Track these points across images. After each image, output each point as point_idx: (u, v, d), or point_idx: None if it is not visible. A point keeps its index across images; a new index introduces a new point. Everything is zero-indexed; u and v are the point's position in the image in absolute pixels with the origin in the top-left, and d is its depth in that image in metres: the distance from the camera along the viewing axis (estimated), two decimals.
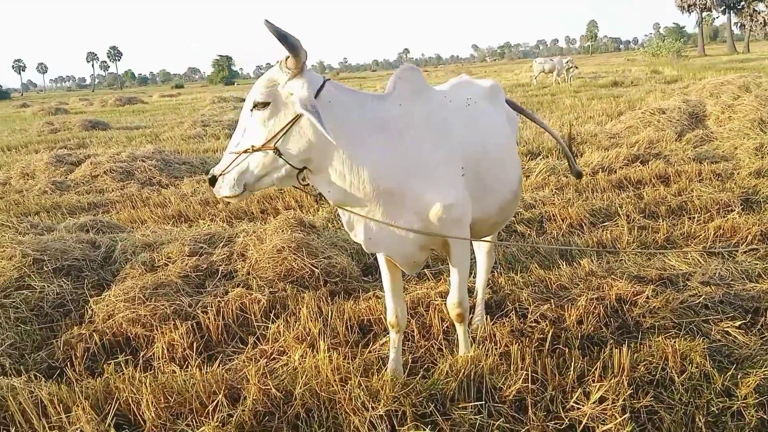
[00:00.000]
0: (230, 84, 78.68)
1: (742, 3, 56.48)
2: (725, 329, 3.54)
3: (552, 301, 3.97)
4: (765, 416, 2.77)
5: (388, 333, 3.78)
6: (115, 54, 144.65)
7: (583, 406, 2.82)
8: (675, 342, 3.20)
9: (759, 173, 7.03)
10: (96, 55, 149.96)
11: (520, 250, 5.11)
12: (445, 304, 3.87)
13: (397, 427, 2.77)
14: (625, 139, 9.78)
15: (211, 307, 4.05)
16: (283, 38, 2.48)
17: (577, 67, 26.30)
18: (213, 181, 2.63)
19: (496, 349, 3.35)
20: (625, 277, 4.16)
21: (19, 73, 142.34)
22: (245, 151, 2.59)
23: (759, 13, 56.54)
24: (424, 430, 2.72)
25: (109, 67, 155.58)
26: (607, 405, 2.79)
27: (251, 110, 2.62)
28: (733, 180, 6.89)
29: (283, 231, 4.87)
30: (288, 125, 2.58)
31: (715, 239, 5.12)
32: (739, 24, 60.04)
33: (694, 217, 5.64)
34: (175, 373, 3.30)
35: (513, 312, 3.90)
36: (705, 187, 6.53)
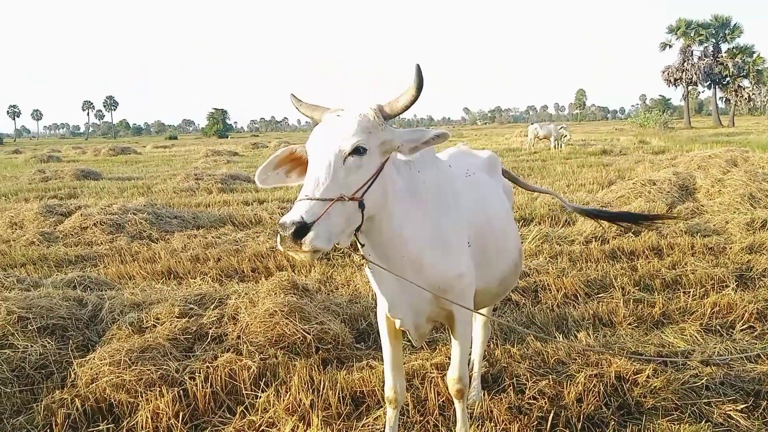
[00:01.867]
0: (224, 137, 79.32)
1: (728, 79, 58.29)
2: (727, 412, 3.46)
3: (550, 376, 3.88)
4: None
5: (381, 406, 3.68)
6: (111, 103, 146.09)
7: None
8: (680, 428, 3.11)
9: (751, 249, 7.06)
10: (92, 103, 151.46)
11: (516, 321, 5.03)
12: (443, 377, 3.79)
13: None
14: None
15: (199, 373, 3.91)
16: (421, 87, 2.46)
17: (570, 135, 26.80)
18: (302, 230, 2.18)
19: (495, 428, 3.24)
20: (624, 355, 4.08)
21: (14, 119, 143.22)
22: (339, 199, 2.31)
23: (744, 88, 58.32)
24: None
25: (104, 116, 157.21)
26: None
27: (347, 156, 2.38)
28: (726, 255, 6.90)
29: (275, 293, 4.78)
30: (374, 175, 2.46)
31: (711, 316, 5.07)
32: (724, 98, 61.81)
33: (689, 292, 5.61)
34: None
35: (510, 387, 3.81)
36: (699, 261, 6.53)
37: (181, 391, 3.75)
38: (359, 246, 2.69)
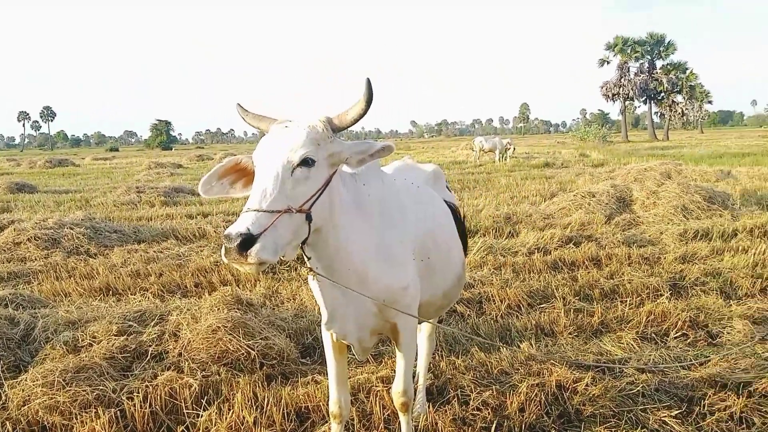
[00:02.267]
0: (167, 149, 77.79)
1: (662, 94, 60.78)
2: (662, 419, 3.58)
3: (494, 387, 3.94)
4: None
5: (326, 421, 3.65)
6: (48, 114, 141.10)
7: None
8: None
9: (684, 258, 7.36)
10: (28, 114, 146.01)
11: (458, 336, 5.08)
12: (388, 390, 3.79)
13: None
14: (558, 220, 10.12)
15: (138, 392, 3.80)
16: (370, 101, 2.46)
17: (514, 148, 27.40)
18: (248, 241, 2.16)
19: None
20: (565, 363, 4.17)
21: None
22: (287, 211, 2.29)
23: (677, 104, 60.99)
24: None
25: (41, 127, 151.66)
26: None
27: (295, 167, 2.36)
28: (660, 264, 7.16)
29: (219, 309, 4.70)
30: (322, 187, 2.44)
31: (647, 324, 5.24)
32: (659, 113, 64.39)
33: (626, 301, 5.79)
34: None
35: (455, 399, 3.84)
36: (635, 270, 6.76)
37: (118, 412, 3.63)
38: (305, 258, 2.67)
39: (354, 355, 3.15)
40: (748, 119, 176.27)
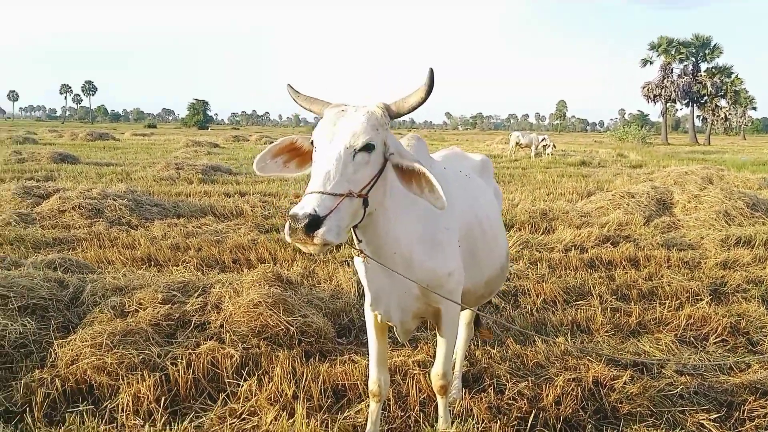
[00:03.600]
0: (204, 128, 78.70)
1: (706, 98, 59.39)
2: (701, 421, 3.55)
3: (529, 378, 3.94)
4: None
5: (363, 400, 3.71)
6: (90, 88, 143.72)
7: None
8: None
9: (725, 265, 7.23)
10: (70, 87, 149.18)
11: (496, 324, 5.10)
12: (424, 374, 3.84)
13: None
14: (595, 219, 10.01)
15: (181, 359, 3.90)
16: (431, 90, 2.48)
17: (555, 146, 27.04)
18: (315, 223, 2.19)
19: (475, 426, 3.28)
20: (603, 360, 4.16)
21: None
22: (348, 195, 2.32)
23: (720, 108, 59.50)
24: None
25: (82, 100, 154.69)
26: None
27: (357, 151, 2.38)
28: (700, 269, 7.05)
29: (260, 284, 4.78)
30: (378, 173, 2.47)
31: (686, 327, 5.19)
32: (701, 117, 62.95)
33: (664, 304, 5.72)
34: (141, 429, 3.14)
35: (491, 387, 3.86)
36: (674, 273, 6.67)
37: (163, 377, 3.74)
38: (355, 241, 2.71)
39: (395, 336, 3.20)
40: None
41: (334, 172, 2.32)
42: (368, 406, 3.34)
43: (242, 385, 3.76)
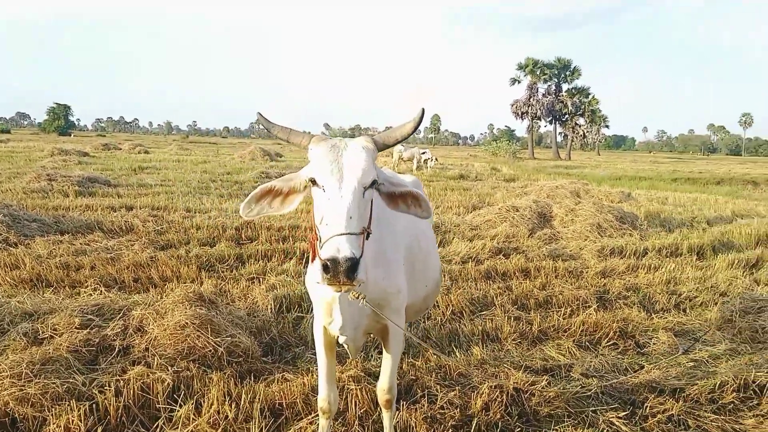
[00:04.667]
0: (66, 134, 73.44)
1: (567, 116, 64.30)
2: (611, 419, 3.95)
3: (456, 388, 4.18)
4: None
5: (301, 418, 3.77)
6: None
7: None
8: None
9: (604, 273, 7.97)
10: None
11: (415, 336, 5.31)
12: (360, 389, 3.96)
13: None
14: (485, 232, 10.59)
15: (109, 386, 3.75)
16: (419, 125, 2.57)
17: (437, 159, 28.04)
18: (355, 265, 2.25)
19: None
20: (521, 368, 4.49)
21: None
22: (363, 232, 2.39)
23: (579, 126, 64.70)
24: None
25: None
26: None
27: (366, 188, 2.45)
28: (584, 278, 7.72)
29: (183, 305, 4.67)
30: (371, 206, 2.55)
31: (582, 333, 5.69)
32: (562, 134, 68.02)
33: (559, 311, 6.23)
34: None
35: (423, 398, 4.05)
36: (563, 283, 7.26)
37: (92, 406, 3.58)
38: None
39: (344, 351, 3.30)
40: (639, 145, 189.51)
41: (354, 211, 2.36)
42: (310, 423, 3.41)
43: (178, 411, 3.68)
